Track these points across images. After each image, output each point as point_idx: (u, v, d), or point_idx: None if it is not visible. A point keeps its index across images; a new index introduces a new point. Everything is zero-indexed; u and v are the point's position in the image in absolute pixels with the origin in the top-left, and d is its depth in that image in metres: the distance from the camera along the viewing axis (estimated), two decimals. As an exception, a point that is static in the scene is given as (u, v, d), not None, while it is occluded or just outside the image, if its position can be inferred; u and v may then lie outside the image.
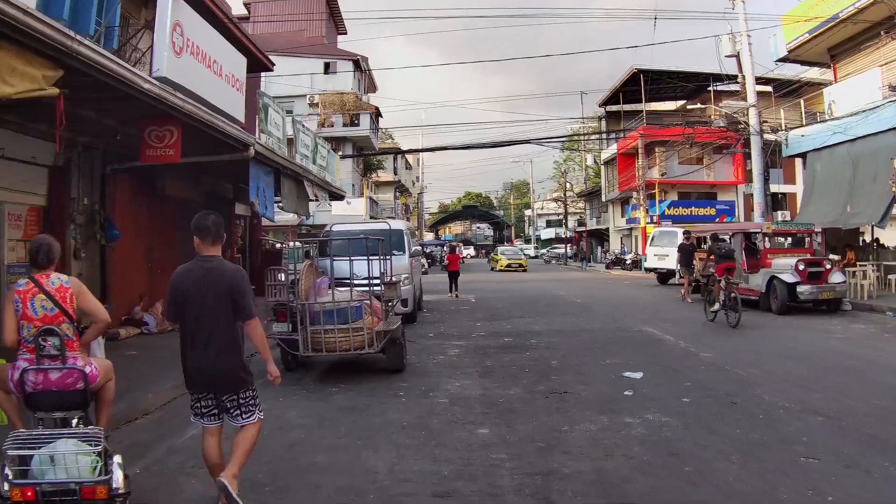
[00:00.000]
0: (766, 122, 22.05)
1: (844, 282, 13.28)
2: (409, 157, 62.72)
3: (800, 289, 12.49)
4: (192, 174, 12.13)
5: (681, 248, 16.31)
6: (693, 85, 35.26)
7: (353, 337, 6.51)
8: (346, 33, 44.37)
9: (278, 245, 17.51)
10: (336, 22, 41.86)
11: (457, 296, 17.56)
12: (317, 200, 14.11)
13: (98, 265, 10.27)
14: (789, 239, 14.89)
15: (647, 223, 32.45)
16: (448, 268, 19.02)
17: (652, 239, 22.64)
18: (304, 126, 13.36)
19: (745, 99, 21.46)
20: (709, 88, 34.30)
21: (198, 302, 3.26)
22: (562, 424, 5.11)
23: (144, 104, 7.20)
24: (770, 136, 22.09)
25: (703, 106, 24.47)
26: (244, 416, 3.37)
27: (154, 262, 11.62)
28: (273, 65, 20.67)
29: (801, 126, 21.12)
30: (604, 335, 10.03)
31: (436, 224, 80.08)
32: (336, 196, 16.54)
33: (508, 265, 36.76)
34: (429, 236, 68.12)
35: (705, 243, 17.23)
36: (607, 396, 6.03)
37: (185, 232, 13.40)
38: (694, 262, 15.76)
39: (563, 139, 32.26)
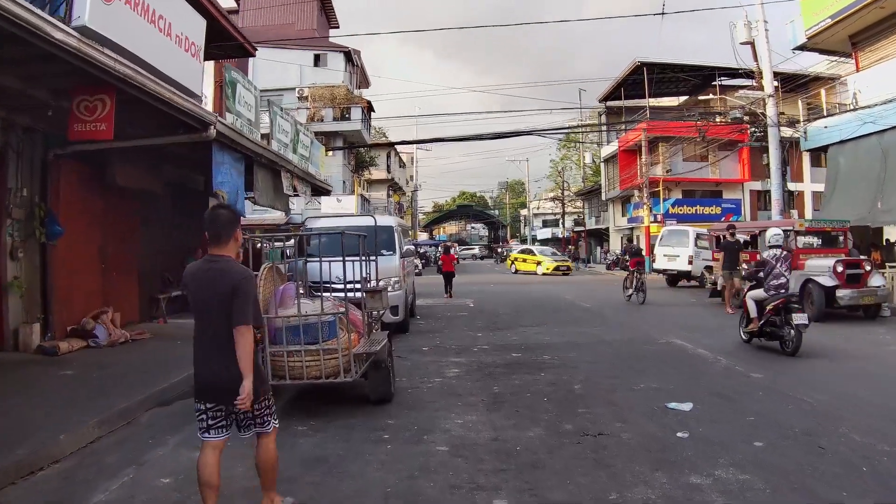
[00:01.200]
0: (781, 114, 20.75)
1: (884, 285, 11.94)
2: (404, 156, 61.30)
3: (839, 293, 11.13)
4: (152, 162, 10.65)
5: (724, 247, 13.76)
6: (698, 79, 34.03)
7: (324, 361, 5.06)
8: (338, 27, 42.86)
9: (258, 244, 16.03)
10: (328, 16, 40.35)
11: (451, 295, 16.87)
12: (296, 194, 12.64)
13: (39, 266, 8.78)
14: (818, 238, 13.53)
15: (651, 222, 31.14)
16: (442, 268, 18.48)
17: (661, 238, 21.27)
18: (281, 110, 11.90)
19: (760, 89, 20.15)
20: (714, 83, 33.17)
21: (203, 304, 3.06)
22: (607, 489, 3.68)
23: (70, 67, 5.76)
24: (786, 131, 20.79)
25: (718, 97, 23.14)
26: (258, 426, 3.19)
27: (108, 263, 10.14)
28: (255, 49, 19.25)
29: (821, 118, 19.85)
30: (627, 349, 8.63)
31: (430, 224, 78.67)
32: (321, 191, 15.09)
33: (557, 268, 30.86)
34: (423, 236, 66.66)
35: (723, 239, 15.90)
36: (656, 440, 4.61)
37: (148, 228, 11.65)
38: (741, 263, 13.00)
39: (566, 130, 30.70)
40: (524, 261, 33.43)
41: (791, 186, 35.82)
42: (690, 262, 19.76)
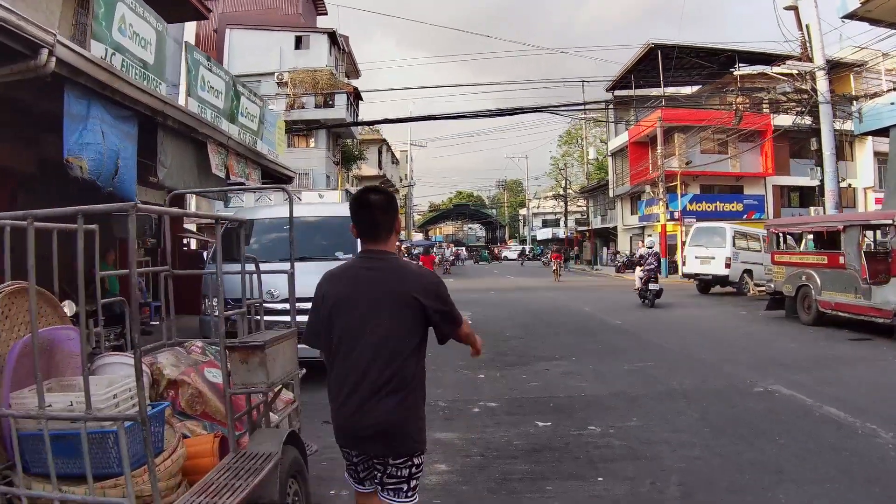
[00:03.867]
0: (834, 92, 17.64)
1: None
2: (397, 153, 58.10)
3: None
4: (19, 130, 7.48)
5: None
6: (714, 66, 30.93)
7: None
8: (325, 13, 39.62)
9: (193, 245, 12.78)
10: (315, 0, 37.13)
11: None
12: (237, 182, 9.45)
13: None
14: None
15: (667, 220, 28.03)
16: None
17: (691, 237, 18.10)
18: (209, 60, 8.70)
19: (808, 60, 17.06)
20: (732, 69, 30.11)
21: (355, 316, 2.13)
22: None
23: None
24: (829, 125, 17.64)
25: (766, 68, 19.95)
26: (395, 495, 2.14)
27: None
28: (209, 11, 16.11)
29: (876, 96, 16.75)
30: (719, 408, 5.44)
31: (426, 224, 75.50)
32: (279, 177, 11.91)
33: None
34: (418, 236, 63.46)
35: (785, 241, 12.76)
36: None
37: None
38: None
39: (580, 106, 26.99)
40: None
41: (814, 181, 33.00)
42: (728, 266, 16.64)
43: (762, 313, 12.42)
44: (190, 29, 30.92)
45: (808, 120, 18.22)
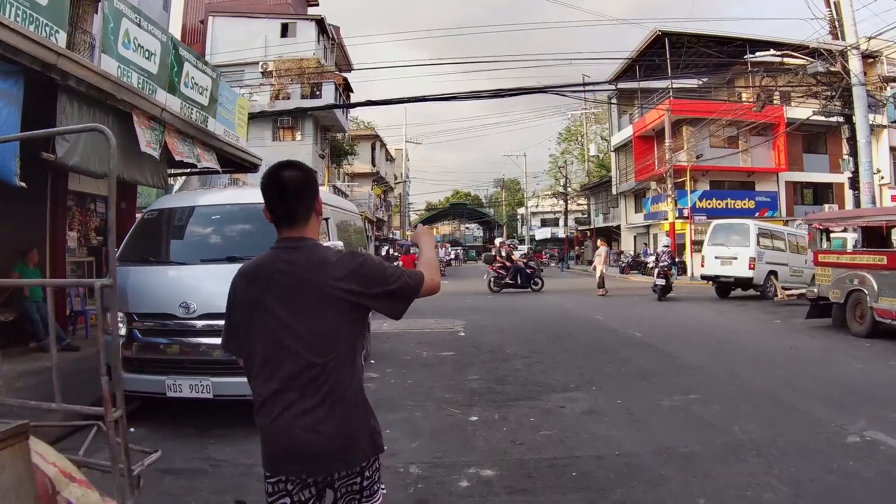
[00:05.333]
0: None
1: None
2: (392, 150, 56.29)
3: None
4: None
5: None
6: (725, 56, 29.25)
7: None
8: (317, 4, 37.87)
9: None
10: (306, -12, 35.33)
11: None
12: (181, 160, 7.77)
13: None
14: None
15: (676, 218, 26.37)
16: None
17: (710, 235, 16.40)
18: (136, 11, 6.97)
19: (841, 36, 15.39)
20: (745, 59, 28.44)
21: (284, 321, 1.77)
22: None
23: None
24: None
25: (776, 58, 18.32)
26: (366, 499, 1.85)
27: None
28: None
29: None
30: (812, 473, 3.76)
31: (421, 223, 73.79)
32: (241, 164, 10.22)
33: None
34: (414, 237, 61.57)
35: (827, 237, 11.12)
36: None
37: None
38: None
39: (589, 87, 24.80)
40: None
41: (830, 178, 31.38)
42: (752, 267, 14.96)
43: (800, 322, 10.75)
44: (176, 22, 29.31)
45: (836, 105, 16.56)
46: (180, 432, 4.75)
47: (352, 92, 32.37)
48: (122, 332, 4.74)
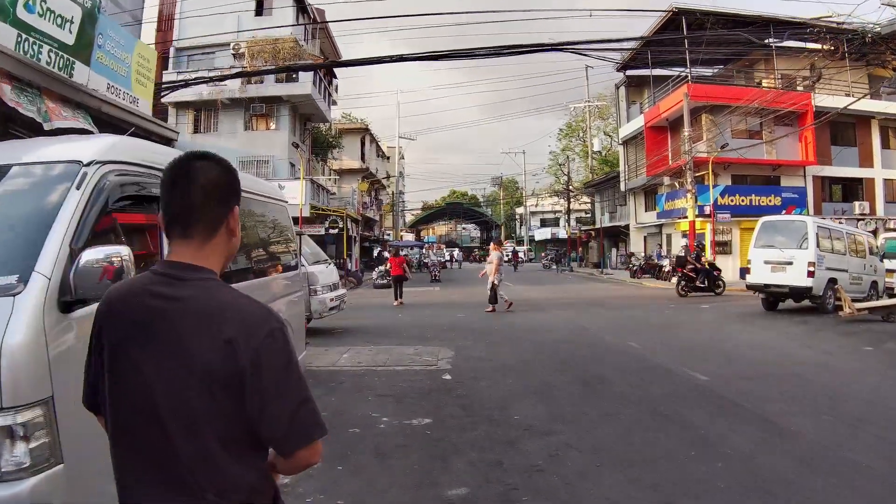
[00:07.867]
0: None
1: None
2: (385, 147, 53.34)
3: None
4: None
5: None
6: (742, 41, 26.40)
7: None
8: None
9: None
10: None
11: (401, 303, 15.94)
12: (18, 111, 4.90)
13: None
14: None
15: (696, 216, 23.51)
16: (390, 272, 17.76)
17: (757, 236, 13.48)
18: None
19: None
20: (768, 41, 25.63)
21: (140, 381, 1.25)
22: None
23: None
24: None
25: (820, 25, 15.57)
26: None
27: None
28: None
29: None
30: None
31: (417, 223, 70.91)
32: (144, 135, 7.36)
33: None
34: (409, 237, 58.83)
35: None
36: None
37: None
38: None
39: (604, 46, 21.56)
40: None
41: (861, 172, 28.57)
42: (811, 274, 12.10)
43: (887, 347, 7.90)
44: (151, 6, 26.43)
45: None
46: None
47: (336, 78, 29.50)
48: None
